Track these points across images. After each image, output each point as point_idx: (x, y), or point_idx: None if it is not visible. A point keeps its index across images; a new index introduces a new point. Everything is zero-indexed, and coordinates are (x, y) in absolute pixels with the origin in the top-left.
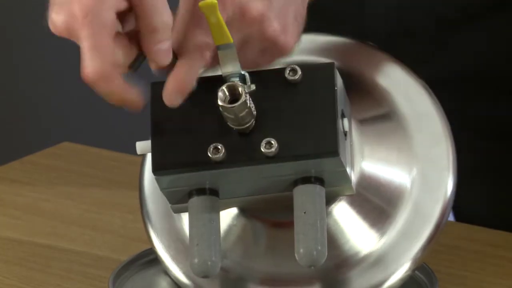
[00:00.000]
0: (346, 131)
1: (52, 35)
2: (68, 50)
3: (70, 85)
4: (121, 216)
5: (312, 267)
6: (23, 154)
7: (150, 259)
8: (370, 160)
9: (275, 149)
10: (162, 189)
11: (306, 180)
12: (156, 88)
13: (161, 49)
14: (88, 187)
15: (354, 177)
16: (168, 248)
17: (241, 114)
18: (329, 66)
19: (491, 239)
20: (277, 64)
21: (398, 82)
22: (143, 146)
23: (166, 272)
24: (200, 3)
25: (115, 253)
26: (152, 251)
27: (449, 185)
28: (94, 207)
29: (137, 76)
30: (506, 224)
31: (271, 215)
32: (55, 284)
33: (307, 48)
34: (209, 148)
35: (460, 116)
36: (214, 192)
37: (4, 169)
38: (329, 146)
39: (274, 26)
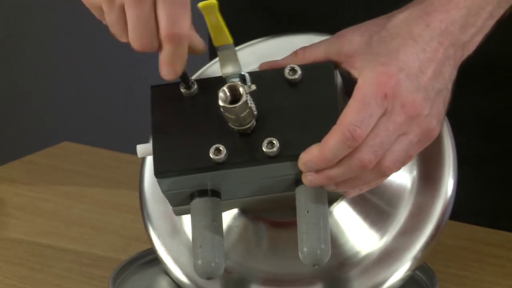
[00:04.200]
0: None
1: (52, 35)
2: (68, 50)
3: (70, 85)
4: (121, 216)
5: (316, 266)
6: (23, 154)
7: (150, 259)
8: None
9: (277, 149)
10: (163, 191)
11: None
12: (157, 90)
13: None
14: (88, 187)
15: None
16: (169, 249)
17: (242, 115)
18: (329, 65)
19: (491, 239)
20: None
21: None
22: (144, 149)
23: (166, 272)
24: (200, 4)
25: (115, 253)
26: (152, 251)
27: (450, 184)
28: (94, 207)
29: None
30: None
31: (272, 215)
32: (55, 284)
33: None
34: (210, 149)
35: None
36: (216, 194)
37: (4, 169)
38: None
39: (433, 124)
